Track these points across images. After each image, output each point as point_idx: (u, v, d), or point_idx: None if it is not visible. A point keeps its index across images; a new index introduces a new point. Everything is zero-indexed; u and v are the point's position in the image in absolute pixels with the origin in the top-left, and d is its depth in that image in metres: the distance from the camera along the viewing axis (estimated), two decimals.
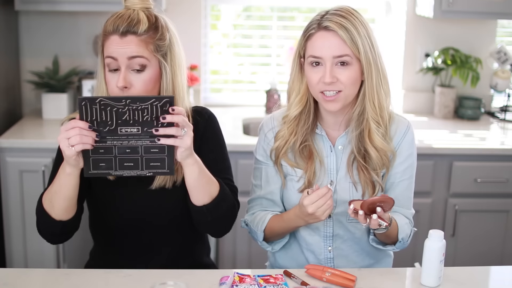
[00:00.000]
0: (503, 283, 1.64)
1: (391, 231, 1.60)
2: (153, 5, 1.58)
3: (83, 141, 1.38)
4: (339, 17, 1.57)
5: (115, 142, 1.41)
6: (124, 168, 1.43)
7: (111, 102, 1.37)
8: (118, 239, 1.68)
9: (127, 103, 1.37)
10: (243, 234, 2.72)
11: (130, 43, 1.49)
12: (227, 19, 3.40)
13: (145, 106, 1.38)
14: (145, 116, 1.39)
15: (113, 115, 1.38)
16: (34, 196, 2.60)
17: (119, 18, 1.51)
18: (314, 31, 1.59)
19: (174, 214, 1.65)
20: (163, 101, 1.38)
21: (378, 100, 1.61)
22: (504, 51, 3.20)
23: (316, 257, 1.73)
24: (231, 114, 3.16)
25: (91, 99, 1.37)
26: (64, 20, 3.10)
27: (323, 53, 1.56)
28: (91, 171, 1.43)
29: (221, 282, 1.49)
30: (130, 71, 1.51)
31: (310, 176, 1.66)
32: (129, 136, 1.40)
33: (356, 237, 1.72)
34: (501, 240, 2.83)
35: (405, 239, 1.65)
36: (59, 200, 1.51)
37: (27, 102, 3.15)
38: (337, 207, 1.68)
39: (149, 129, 1.40)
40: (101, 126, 1.39)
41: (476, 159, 2.73)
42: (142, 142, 1.41)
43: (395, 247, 1.67)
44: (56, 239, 1.62)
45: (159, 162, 1.43)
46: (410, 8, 3.22)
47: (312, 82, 1.60)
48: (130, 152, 1.42)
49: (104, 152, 1.41)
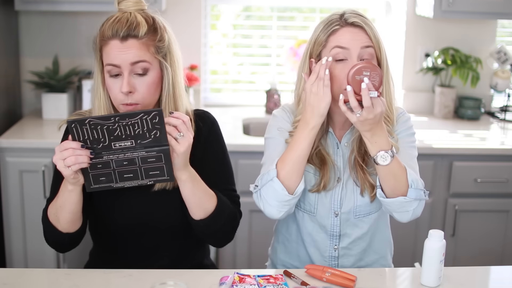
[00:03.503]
0: (503, 283, 1.64)
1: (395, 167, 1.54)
2: (147, 5, 1.57)
3: (78, 161, 1.39)
4: (360, 15, 1.60)
5: (111, 157, 1.41)
6: (124, 179, 1.44)
7: (100, 121, 1.37)
8: (118, 242, 1.68)
9: (117, 120, 1.37)
10: (243, 234, 2.72)
11: (132, 47, 1.48)
12: (227, 19, 3.40)
13: (135, 120, 1.37)
14: (136, 130, 1.38)
15: (104, 132, 1.38)
16: (34, 196, 2.63)
17: (117, 22, 1.49)
18: (339, 27, 1.58)
19: (174, 218, 1.64)
20: (152, 115, 1.37)
21: (390, 99, 1.64)
22: (504, 51, 3.20)
23: (321, 254, 1.73)
24: (231, 114, 3.16)
25: (80, 121, 1.37)
26: (64, 20, 3.10)
27: (351, 44, 1.56)
28: (92, 186, 1.44)
29: (221, 282, 1.49)
30: (133, 75, 1.50)
31: (326, 181, 1.66)
32: (124, 149, 1.41)
33: (364, 233, 1.72)
34: (501, 240, 2.83)
35: (416, 184, 1.56)
36: (64, 214, 1.52)
37: (27, 102, 3.15)
38: (344, 206, 1.68)
39: (142, 141, 1.40)
40: (94, 144, 1.39)
41: (476, 159, 2.73)
42: (138, 154, 1.41)
43: (407, 197, 1.55)
44: (64, 248, 1.63)
45: (158, 170, 1.44)
46: (410, 8, 3.22)
47: (337, 78, 1.56)
48: (128, 164, 1.42)
49: (102, 167, 1.42)
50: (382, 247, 1.78)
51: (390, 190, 1.57)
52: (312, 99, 1.54)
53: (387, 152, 1.52)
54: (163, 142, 1.41)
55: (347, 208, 1.68)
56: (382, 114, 1.49)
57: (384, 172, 1.55)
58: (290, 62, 3.27)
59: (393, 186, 1.57)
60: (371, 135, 1.52)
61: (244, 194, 1.86)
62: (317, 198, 1.69)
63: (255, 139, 2.77)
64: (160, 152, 1.42)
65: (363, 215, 1.69)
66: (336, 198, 1.68)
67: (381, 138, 1.53)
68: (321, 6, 3.34)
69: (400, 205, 1.58)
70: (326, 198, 1.68)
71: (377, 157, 1.53)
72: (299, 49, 3.20)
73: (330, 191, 1.68)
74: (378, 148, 1.53)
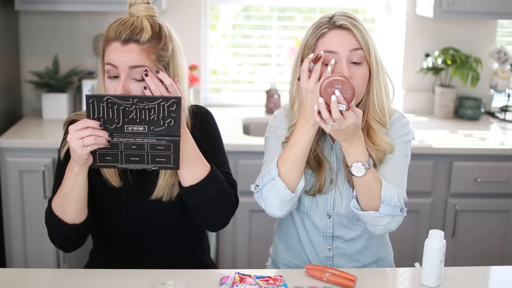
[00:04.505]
0: (503, 283, 1.64)
1: (370, 179, 1.54)
2: (158, 13, 1.56)
3: (97, 142, 1.39)
4: (349, 18, 1.58)
5: (121, 139, 1.41)
6: (130, 162, 1.44)
7: (118, 100, 1.37)
8: (118, 242, 1.68)
9: (134, 102, 1.37)
10: (243, 234, 2.72)
11: (132, 51, 1.48)
12: (226, 19, 3.40)
13: (152, 105, 1.38)
14: (152, 116, 1.39)
15: (120, 113, 1.38)
16: (34, 196, 2.63)
17: (122, 25, 1.49)
18: (327, 30, 1.58)
19: (175, 217, 1.64)
20: (170, 101, 1.38)
21: (381, 102, 1.62)
22: (504, 51, 3.20)
23: (316, 254, 1.73)
24: (231, 114, 3.16)
25: (99, 97, 1.37)
26: (64, 20, 3.10)
27: (340, 48, 1.56)
28: (97, 163, 1.44)
29: (221, 282, 1.50)
30: (130, 79, 1.49)
31: (321, 184, 1.66)
32: (136, 134, 1.41)
33: (357, 235, 1.72)
34: (501, 240, 2.83)
35: (389, 200, 1.55)
36: (70, 202, 1.52)
37: (27, 102, 3.16)
38: (337, 208, 1.68)
39: (155, 128, 1.40)
40: (107, 123, 1.39)
41: (476, 159, 2.73)
42: (148, 140, 1.42)
43: (378, 212, 1.55)
44: (71, 245, 1.62)
45: (164, 158, 1.44)
46: (410, 8, 3.22)
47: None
48: (136, 148, 1.42)
49: (111, 147, 1.42)
50: (380, 250, 1.77)
51: (364, 201, 1.58)
52: (309, 97, 1.53)
53: (363, 164, 1.53)
54: (175, 132, 1.42)
55: (340, 210, 1.68)
56: (356, 125, 1.49)
57: (358, 183, 1.56)
58: (290, 62, 3.27)
59: (367, 198, 1.57)
60: (347, 145, 1.53)
61: (244, 194, 1.86)
62: (310, 200, 1.69)
63: (255, 139, 2.77)
64: (171, 142, 1.42)
65: (356, 219, 1.69)
66: (329, 200, 1.68)
67: (358, 149, 1.53)
68: (321, 6, 3.34)
69: (371, 219, 1.58)
70: (320, 200, 1.68)
71: (351, 167, 1.54)
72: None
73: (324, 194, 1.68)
74: (354, 159, 1.53)
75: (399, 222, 1.61)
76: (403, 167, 1.67)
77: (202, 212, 1.58)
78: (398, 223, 1.61)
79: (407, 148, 1.68)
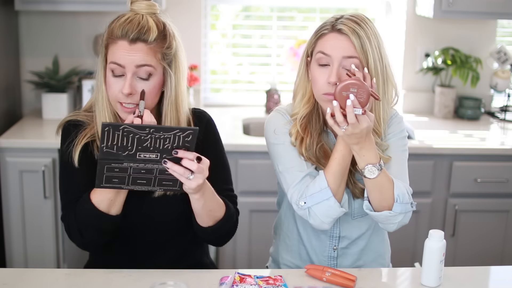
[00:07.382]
0: (503, 283, 1.64)
1: (383, 180, 1.54)
2: (159, 10, 1.56)
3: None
4: (354, 23, 1.57)
5: (131, 164, 1.39)
6: (136, 184, 1.44)
7: (134, 129, 1.35)
8: (118, 242, 1.68)
9: (151, 131, 1.35)
10: (243, 234, 2.72)
11: (139, 51, 1.47)
12: (226, 19, 3.40)
13: (168, 135, 1.36)
14: (166, 145, 1.37)
15: (134, 141, 1.36)
16: (34, 196, 2.63)
17: (128, 23, 1.48)
18: (327, 32, 1.58)
19: (175, 217, 1.64)
20: (186, 132, 1.37)
21: (378, 112, 1.62)
22: (504, 51, 3.20)
23: (320, 254, 1.74)
24: (231, 114, 3.16)
25: (115, 126, 1.34)
26: (64, 20, 3.10)
27: (333, 52, 1.56)
28: (102, 184, 1.43)
29: (221, 282, 1.50)
30: (136, 77, 1.49)
31: None
32: (146, 161, 1.39)
33: (363, 233, 1.72)
34: (501, 240, 2.83)
35: (402, 198, 1.56)
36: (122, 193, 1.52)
37: (27, 102, 3.16)
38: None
39: (167, 156, 1.39)
40: (120, 150, 1.37)
41: (476, 159, 2.73)
42: (158, 166, 1.40)
43: (392, 211, 1.57)
44: (106, 238, 1.58)
45: (171, 181, 1.44)
46: (410, 8, 3.22)
47: (317, 82, 1.58)
48: (145, 172, 1.42)
49: (119, 171, 1.41)
50: (381, 245, 1.78)
51: (376, 202, 1.58)
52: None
53: (375, 165, 1.53)
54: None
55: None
56: (369, 129, 1.49)
57: (371, 184, 1.56)
58: (290, 62, 3.27)
59: (379, 199, 1.58)
60: (359, 148, 1.53)
61: (244, 194, 1.87)
62: None
63: (255, 139, 2.77)
64: None
65: (361, 215, 1.70)
66: None
67: (369, 151, 1.53)
68: (321, 6, 3.34)
69: (386, 218, 1.59)
70: None
71: (364, 170, 1.54)
72: (299, 49, 3.21)
73: None
74: (366, 162, 1.53)
75: (410, 216, 1.62)
76: (404, 161, 1.69)
77: (213, 241, 1.67)
78: (409, 217, 1.62)
79: (405, 143, 1.71)
